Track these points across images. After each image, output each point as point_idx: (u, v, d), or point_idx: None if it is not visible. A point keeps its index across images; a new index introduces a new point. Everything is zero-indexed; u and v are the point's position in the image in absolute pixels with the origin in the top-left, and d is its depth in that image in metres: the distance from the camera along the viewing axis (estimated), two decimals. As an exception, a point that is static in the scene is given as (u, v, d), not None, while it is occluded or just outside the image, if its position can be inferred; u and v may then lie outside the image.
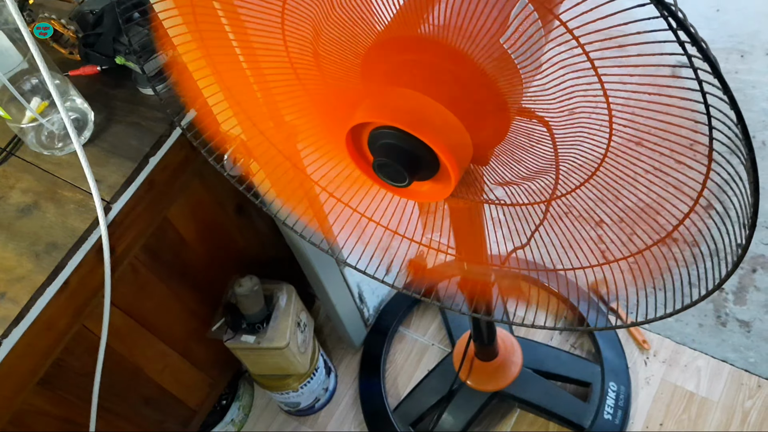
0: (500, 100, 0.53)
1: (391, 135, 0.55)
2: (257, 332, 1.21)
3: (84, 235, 0.87)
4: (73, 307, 0.91)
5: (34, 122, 0.92)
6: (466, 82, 0.52)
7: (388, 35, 0.58)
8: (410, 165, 0.56)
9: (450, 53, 0.51)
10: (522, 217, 0.71)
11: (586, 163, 0.59)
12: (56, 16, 0.98)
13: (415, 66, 0.58)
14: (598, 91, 0.50)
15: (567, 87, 0.51)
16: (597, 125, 0.55)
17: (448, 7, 0.50)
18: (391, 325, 1.58)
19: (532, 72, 0.52)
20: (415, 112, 0.53)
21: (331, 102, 0.72)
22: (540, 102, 0.55)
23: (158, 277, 1.08)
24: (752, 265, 1.55)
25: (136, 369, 1.11)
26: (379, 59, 0.60)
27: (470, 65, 0.50)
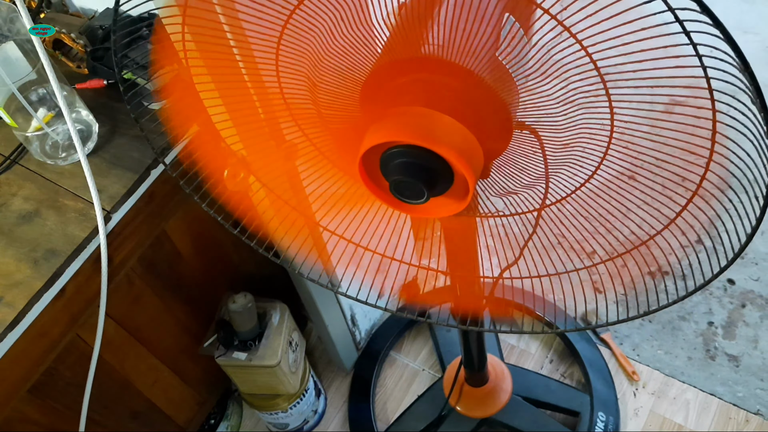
0: (503, 112, 0.55)
1: (405, 153, 0.56)
2: (249, 349, 1.22)
3: (83, 244, 0.88)
4: (68, 315, 0.92)
5: (39, 131, 0.94)
6: (469, 95, 0.54)
7: (388, 59, 0.60)
8: (428, 180, 0.57)
9: (452, 69, 0.53)
10: (513, 232, 0.73)
11: (580, 171, 0.62)
12: (66, 30, 1.01)
13: (417, 85, 0.60)
14: (603, 102, 0.52)
15: (572, 98, 0.53)
16: (596, 138, 0.56)
17: (446, 25, 0.53)
18: (382, 349, 1.58)
19: (528, 83, 0.54)
20: (428, 127, 0.54)
21: (330, 132, 0.74)
22: (534, 112, 0.57)
23: (153, 290, 1.08)
24: (741, 301, 1.57)
25: (126, 382, 1.11)
26: (380, 83, 0.62)
27: (473, 79, 0.52)
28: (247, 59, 0.72)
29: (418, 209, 0.63)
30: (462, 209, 0.60)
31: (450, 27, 0.52)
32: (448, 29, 0.52)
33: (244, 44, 0.69)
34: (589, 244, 0.76)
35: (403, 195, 0.60)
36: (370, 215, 0.80)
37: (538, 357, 1.54)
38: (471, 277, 0.86)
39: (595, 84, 0.51)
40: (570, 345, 1.53)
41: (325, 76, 0.65)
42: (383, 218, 0.80)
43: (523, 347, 1.56)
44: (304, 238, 0.87)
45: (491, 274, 0.86)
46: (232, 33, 0.70)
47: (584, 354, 1.50)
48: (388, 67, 0.60)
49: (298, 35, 0.62)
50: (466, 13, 0.52)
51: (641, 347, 1.53)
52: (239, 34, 0.69)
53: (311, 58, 0.64)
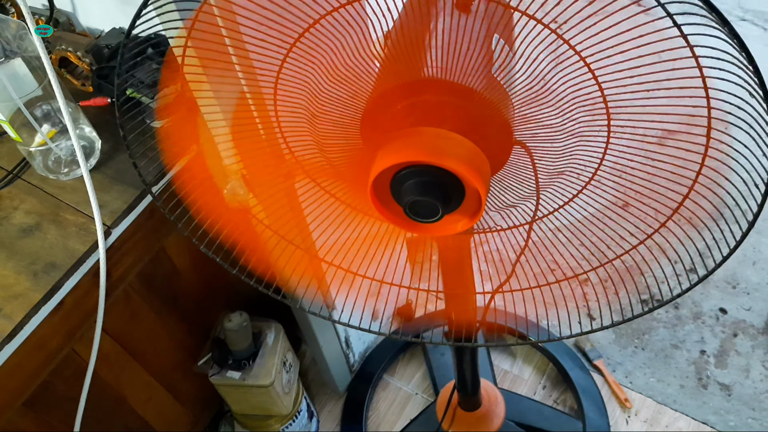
0: (504, 127, 0.56)
1: (419, 172, 0.57)
2: (243, 369, 1.22)
3: (83, 257, 0.89)
4: (66, 329, 0.93)
5: (43, 146, 0.95)
6: (471, 112, 0.55)
7: (388, 84, 0.62)
8: (443, 198, 0.58)
9: (453, 89, 0.55)
10: (507, 254, 0.74)
11: (574, 183, 0.63)
12: (73, 49, 1.03)
13: (418, 107, 0.62)
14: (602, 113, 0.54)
15: (566, 109, 0.55)
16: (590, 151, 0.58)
17: (442, 48, 0.55)
18: (375, 372, 1.58)
19: (521, 97, 0.56)
20: (439, 144, 0.56)
21: (329, 164, 0.75)
22: (527, 125, 0.58)
23: (150, 306, 1.09)
24: (733, 330, 1.58)
25: (120, 398, 1.11)
26: (380, 109, 0.64)
27: (474, 96, 0.54)
28: (249, 78, 0.73)
29: (432, 228, 0.64)
30: (474, 223, 0.62)
31: (446, 49, 0.54)
32: (444, 51, 0.54)
33: (247, 64, 0.71)
34: (579, 264, 0.77)
35: (417, 215, 0.61)
36: (367, 241, 0.81)
37: (532, 383, 1.55)
38: (466, 294, 0.87)
39: (592, 93, 0.53)
40: (563, 371, 1.53)
41: (324, 105, 0.67)
42: (380, 243, 0.81)
43: (516, 373, 1.57)
44: (305, 274, 0.88)
45: (486, 298, 0.87)
46: (236, 55, 0.72)
47: (577, 381, 1.51)
48: (389, 93, 0.62)
49: (298, 69, 0.64)
50: (458, 35, 0.54)
51: (634, 374, 1.54)
52: (242, 57, 0.71)
53: (311, 89, 0.66)
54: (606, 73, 0.51)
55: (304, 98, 0.67)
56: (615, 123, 0.55)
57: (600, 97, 0.53)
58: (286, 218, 0.87)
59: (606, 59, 0.50)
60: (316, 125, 0.70)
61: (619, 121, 0.56)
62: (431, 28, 0.57)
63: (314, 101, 0.67)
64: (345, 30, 0.58)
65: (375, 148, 0.64)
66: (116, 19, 1.04)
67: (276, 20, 0.58)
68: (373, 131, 0.67)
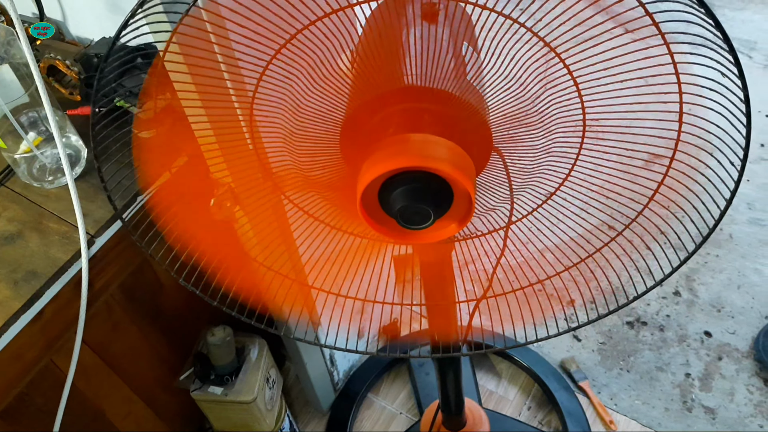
0: (484, 129, 0.57)
1: (408, 179, 0.57)
2: (225, 384, 1.20)
3: (65, 266, 0.88)
4: (45, 339, 0.91)
5: (28, 154, 0.94)
6: (450, 117, 0.56)
7: (368, 95, 0.62)
8: (435, 202, 0.58)
9: (432, 95, 0.55)
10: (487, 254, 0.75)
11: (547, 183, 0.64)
12: (62, 57, 1.02)
13: (397, 116, 0.62)
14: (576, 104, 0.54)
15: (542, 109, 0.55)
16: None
17: (418, 56, 0.55)
18: (360, 390, 1.57)
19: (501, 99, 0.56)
20: (425, 149, 0.56)
21: (309, 184, 0.75)
22: (504, 126, 0.59)
23: (132, 318, 1.08)
24: (718, 353, 1.58)
25: (99, 412, 1.09)
26: (359, 121, 0.64)
27: (454, 101, 0.54)
28: (237, 87, 0.73)
29: (424, 235, 0.64)
30: (465, 225, 0.61)
31: (421, 57, 0.54)
32: (419, 59, 0.55)
33: (235, 71, 0.70)
34: (563, 282, 0.77)
35: (409, 222, 0.60)
36: (348, 259, 0.81)
37: (517, 403, 1.54)
38: (448, 305, 0.86)
39: (568, 88, 0.54)
40: (548, 392, 1.52)
41: (302, 122, 0.67)
42: (364, 261, 0.80)
43: (501, 393, 1.56)
44: (293, 301, 0.87)
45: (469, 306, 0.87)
46: (211, 76, 0.71)
47: (562, 402, 1.50)
48: (366, 105, 0.62)
49: (274, 89, 0.64)
50: (429, 44, 0.55)
51: (619, 396, 1.53)
52: (218, 78, 0.71)
53: (288, 107, 0.66)
54: (580, 67, 0.52)
55: (282, 117, 0.67)
56: (590, 116, 0.56)
57: (575, 91, 0.54)
58: (273, 236, 0.86)
59: (580, 53, 0.51)
60: (294, 144, 0.70)
61: (594, 114, 0.56)
62: (403, 39, 0.58)
63: (292, 120, 0.67)
64: (318, 47, 0.58)
65: (357, 162, 0.64)
66: (106, 28, 1.04)
67: (249, 44, 0.59)
68: (352, 145, 0.67)
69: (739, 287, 1.69)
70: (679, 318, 1.65)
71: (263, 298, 0.84)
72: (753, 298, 1.67)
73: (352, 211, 0.78)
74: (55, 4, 1.08)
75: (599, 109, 0.56)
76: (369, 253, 0.81)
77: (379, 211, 0.63)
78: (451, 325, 0.90)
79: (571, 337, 1.64)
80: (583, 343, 1.63)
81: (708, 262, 1.75)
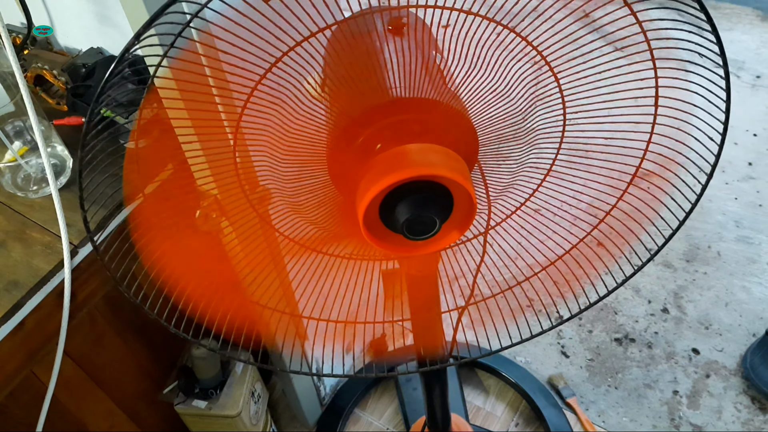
0: (471, 133, 0.57)
1: (410, 190, 0.57)
2: (210, 398, 1.19)
3: (47, 276, 0.87)
4: (26, 351, 0.90)
5: (12, 163, 0.94)
6: (437, 124, 0.56)
7: (356, 112, 0.62)
8: (440, 209, 0.58)
9: (421, 105, 0.55)
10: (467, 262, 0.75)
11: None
12: (49, 67, 1.02)
13: (387, 130, 0.62)
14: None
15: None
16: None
17: (402, 67, 0.56)
18: (346, 405, 1.55)
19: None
20: (425, 158, 0.56)
21: (295, 211, 0.75)
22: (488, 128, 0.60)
23: (115, 330, 1.06)
24: (706, 371, 1.58)
25: (80, 426, 1.08)
26: (349, 139, 0.64)
27: (442, 108, 0.55)
28: (225, 101, 0.73)
29: (430, 244, 0.64)
30: (467, 228, 0.61)
31: (403, 68, 0.55)
32: (401, 71, 0.55)
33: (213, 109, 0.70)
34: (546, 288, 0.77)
35: (415, 233, 0.60)
36: (341, 283, 0.80)
37: (504, 420, 1.53)
38: (433, 317, 0.86)
39: (551, 89, 0.55)
40: (536, 409, 1.51)
41: (290, 146, 0.67)
42: (355, 282, 0.80)
43: (489, 410, 1.55)
44: (288, 334, 0.87)
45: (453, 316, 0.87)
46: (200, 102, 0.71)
47: (550, 419, 1.49)
48: (354, 122, 0.62)
49: (258, 116, 0.63)
50: (408, 55, 0.55)
51: (607, 413, 1.53)
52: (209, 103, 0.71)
53: (273, 133, 0.65)
54: (560, 63, 0.53)
55: (268, 144, 0.67)
56: (569, 105, 0.56)
57: (556, 87, 0.55)
58: (258, 249, 0.86)
59: (559, 50, 0.52)
60: (280, 170, 0.70)
61: (573, 102, 0.57)
62: (379, 53, 0.58)
63: (278, 145, 0.66)
64: (298, 72, 0.58)
65: (349, 181, 0.64)
66: (94, 39, 1.04)
67: (234, 71, 0.59)
68: (341, 165, 0.67)
69: (727, 305, 1.69)
70: (667, 335, 1.65)
71: (255, 332, 0.84)
72: (741, 315, 1.67)
73: (340, 234, 0.78)
74: (43, 13, 1.08)
75: (579, 108, 0.58)
76: (356, 274, 0.81)
77: (379, 228, 0.63)
78: (438, 337, 0.90)
79: (559, 354, 1.64)
80: (571, 359, 1.63)
81: (696, 279, 1.75)
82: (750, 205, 1.90)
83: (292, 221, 0.78)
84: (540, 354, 1.65)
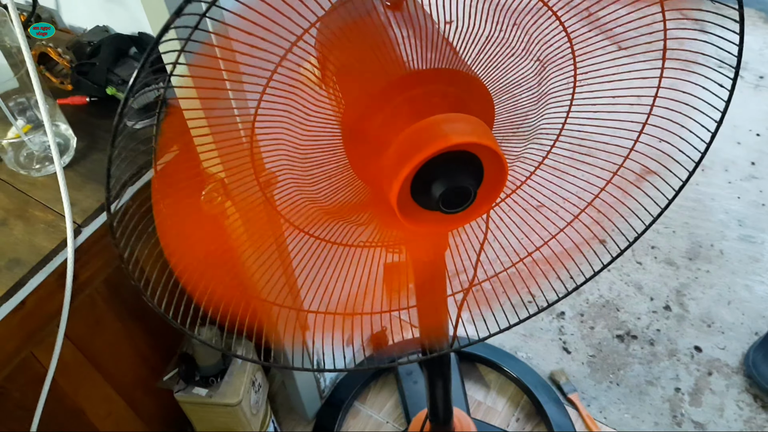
0: (488, 101, 0.56)
1: (443, 162, 0.55)
2: (210, 386, 1.17)
3: (49, 255, 0.86)
4: (25, 331, 0.88)
5: (16, 140, 0.92)
6: (456, 93, 0.55)
7: (376, 88, 0.61)
8: (473, 178, 0.57)
9: (439, 75, 0.54)
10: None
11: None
12: (53, 45, 1.01)
13: (406, 104, 0.60)
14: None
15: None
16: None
17: (413, 39, 0.54)
18: (346, 398, 1.54)
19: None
20: (456, 128, 0.54)
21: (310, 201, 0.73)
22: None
23: (116, 314, 1.05)
24: (708, 368, 1.57)
25: (78, 410, 1.06)
26: (369, 119, 0.62)
27: (460, 77, 0.54)
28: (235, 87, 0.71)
29: (463, 217, 0.62)
30: (498, 194, 0.60)
31: (415, 40, 0.54)
32: (414, 43, 0.54)
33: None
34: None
35: (450, 206, 0.58)
36: (343, 273, 0.79)
37: (505, 415, 1.52)
38: (439, 301, 0.84)
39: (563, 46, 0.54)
40: (537, 404, 1.50)
41: (308, 132, 0.65)
42: (361, 272, 0.79)
43: (490, 404, 1.53)
44: (289, 326, 0.85)
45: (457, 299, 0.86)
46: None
47: (551, 414, 1.48)
48: (370, 104, 0.61)
49: (277, 102, 0.62)
50: (416, 26, 0.54)
51: (608, 410, 1.52)
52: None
53: (292, 118, 0.64)
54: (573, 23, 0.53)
55: (285, 131, 0.65)
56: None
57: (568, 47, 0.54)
58: (264, 236, 0.84)
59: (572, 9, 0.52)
60: (298, 158, 0.68)
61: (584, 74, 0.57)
62: (387, 27, 0.57)
63: (296, 132, 0.65)
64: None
65: (371, 163, 0.62)
66: (100, 17, 1.02)
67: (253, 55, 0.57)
68: (362, 146, 0.65)
69: (730, 303, 1.69)
70: (670, 332, 1.64)
71: (260, 328, 0.82)
72: (743, 314, 1.66)
73: (357, 222, 0.76)
74: (49, -9, 1.06)
75: (588, 69, 0.57)
76: (359, 263, 0.79)
77: (411, 208, 0.61)
78: (443, 322, 0.89)
79: (561, 349, 1.63)
80: (572, 355, 1.62)
81: (699, 277, 1.74)
82: (753, 204, 1.90)
83: (299, 209, 0.76)
84: (541, 349, 1.64)
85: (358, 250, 0.79)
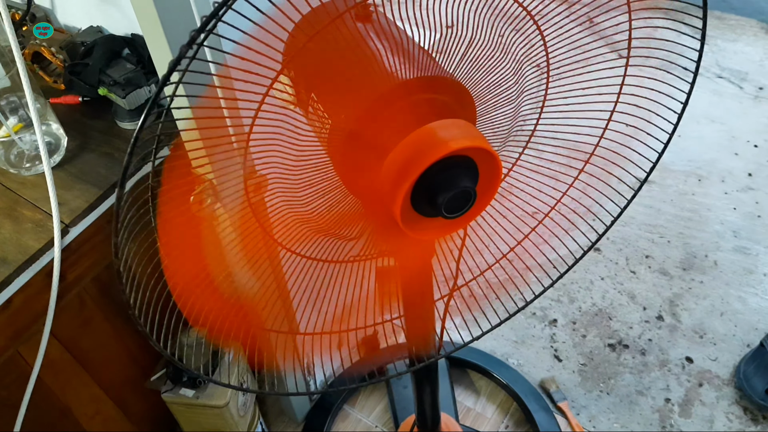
0: (471, 105, 0.56)
1: (442, 168, 0.55)
2: (198, 387, 1.18)
3: (36, 255, 0.86)
4: (12, 330, 0.88)
5: (6, 139, 0.92)
6: (441, 99, 0.55)
7: (365, 103, 0.60)
8: (471, 180, 0.57)
9: (424, 84, 0.54)
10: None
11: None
12: (47, 44, 1.01)
13: (399, 114, 0.60)
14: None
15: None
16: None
17: (397, 49, 0.54)
18: (336, 402, 1.54)
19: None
20: (451, 133, 0.55)
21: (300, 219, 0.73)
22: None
23: (104, 314, 1.05)
24: (699, 380, 1.56)
25: (65, 409, 1.06)
26: (359, 134, 0.62)
27: (445, 83, 0.54)
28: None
29: (464, 219, 0.63)
30: (495, 192, 0.61)
31: (398, 51, 0.54)
32: (398, 53, 0.54)
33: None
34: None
35: (452, 211, 0.59)
36: (335, 286, 0.79)
37: (494, 421, 1.51)
38: (426, 308, 0.84)
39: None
40: (527, 412, 1.50)
41: (299, 152, 0.65)
42: (354, 286, 0.79)
43: (479, 410, 1.53)
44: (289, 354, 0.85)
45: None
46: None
47: (540, 422, 1.48)
48: (362, 118, 0.60)
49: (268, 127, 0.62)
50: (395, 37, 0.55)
51: (598, 419, 1.51)
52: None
53: (284, 139, 0.64)
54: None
55: (277, 153, 0.65)
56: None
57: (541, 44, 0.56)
58: (255, 240, 0.84)
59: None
60: (292, 177, 0.68)
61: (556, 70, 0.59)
62: (368, 40, 0.57)
63: (288, 153, 0.65)
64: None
65: (362, 174, 0.62)
66: (94, 17, 1.03)
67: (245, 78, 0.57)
68: (353, 159, 0.65)
69: (722, 314, 1.68)
70: (661, 342, 1.64)
71: (258, 355, 0.82)
72: (735, 325, 1.66)
73: (350, 237, 0.76)
74: (45, -10, 1.07)
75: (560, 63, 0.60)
76: (349, 277, 0.79)
77: (410, 217, 0.61)
78: (430, 330, 0.89)
79: (552, 357, 1.63)
80: (563, 363, 1.61)
81: (692, 287, 1.74)
82: (748, 215, 1.89)
83: (292, 232, 0.75)
84: (532, 357, 1.63)
85: (349, 265, 0.79)
